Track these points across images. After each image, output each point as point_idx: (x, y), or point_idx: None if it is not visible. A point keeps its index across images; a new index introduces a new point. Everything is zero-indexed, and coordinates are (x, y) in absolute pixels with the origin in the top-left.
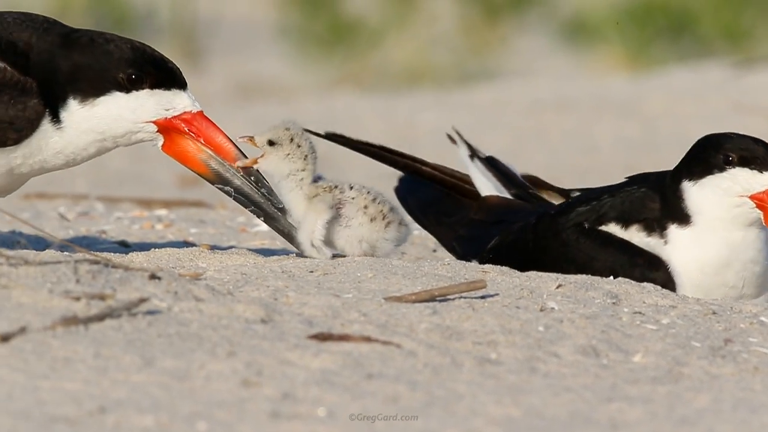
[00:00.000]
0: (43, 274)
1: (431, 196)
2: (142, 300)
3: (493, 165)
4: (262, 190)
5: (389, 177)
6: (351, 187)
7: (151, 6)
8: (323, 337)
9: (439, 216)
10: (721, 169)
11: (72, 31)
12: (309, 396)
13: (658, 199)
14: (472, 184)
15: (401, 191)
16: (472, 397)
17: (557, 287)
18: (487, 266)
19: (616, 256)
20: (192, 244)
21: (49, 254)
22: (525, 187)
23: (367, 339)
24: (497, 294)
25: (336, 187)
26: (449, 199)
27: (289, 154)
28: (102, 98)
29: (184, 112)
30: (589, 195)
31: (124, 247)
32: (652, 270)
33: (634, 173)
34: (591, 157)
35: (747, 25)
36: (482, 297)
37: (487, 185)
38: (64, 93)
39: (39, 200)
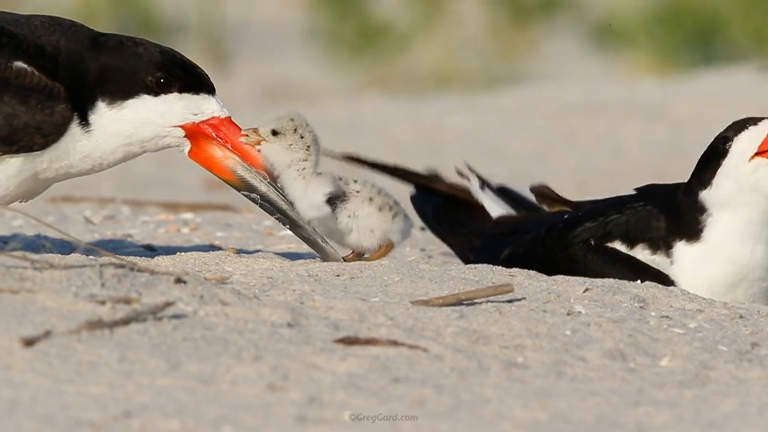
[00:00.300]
0: (68, 277)
1: (446, 207)
2: (168, 304)
3: (504, 193)
4: (288, 197)
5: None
6: (355, 181)
7: (178, 9)
8: (350, 341)
9: (454, 225)
10: (724, 154)
11: (100, 34)
12: (335, 400)
13: (663, 217)
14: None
15: (417, 199)
16: (499, 401)
17: (584, 291)
18: (514, 270)
19: (623, 272)
20: (218, 248)
21: (75, 258)
22: (536, 209)
23: (394, 343)
24: (524, 298)
25: (340, 179)
26: (463, 211)
27: (291, 144)
28: (130, 101)
29: (212, 117)
30: (597, 209)
31: (150, 250)
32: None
33: (662, 177)
34: (619, 161)
35: None
36: (509, 301)
37: (499, 212)
38: (93, 96)
39: (65, 203)
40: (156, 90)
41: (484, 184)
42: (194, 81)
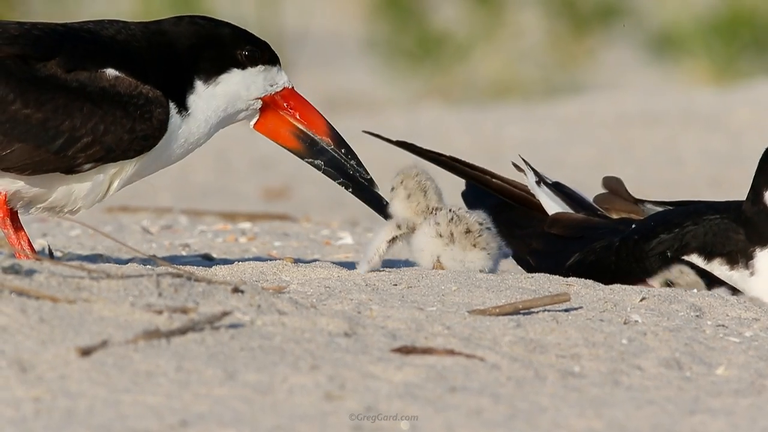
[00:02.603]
0: (125, 287)
1: (500, 207)
2: (225, 313)
3: (560, 190)
4: (352, 162)
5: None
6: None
7: (238, 19)
8: (406, 351)
9: (510, 227)
10: None
11: (175, 22)
12: (392, 409)
13: (741, 230)
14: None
15: (469, 197)
16: (555, 410)
17: (641, 300)
18: (571, 279)
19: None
20: (276, 258)
21: (132, 268)
22: (594, 209)
23: (451, 352)
24: (581, 307)
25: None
26: (519, 211)
27: (419, 203)
28: (223, 76)
29: (284, 88)
30: (669, 218)
31: (208, 260)
32: None
33: (720, 187)
34: (677, 171)
35: None
36: (566, 310)
37: (555, 209)
38: (189, 77)
39: (122, 213)
40: (244, 63)
41: (540, 179)
42: (271, 54)
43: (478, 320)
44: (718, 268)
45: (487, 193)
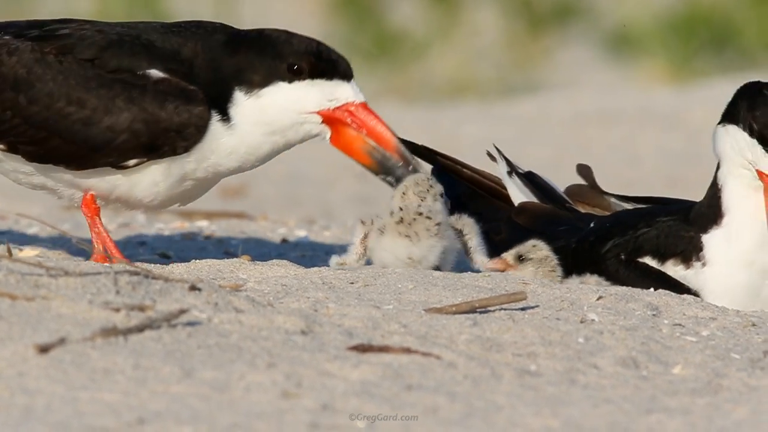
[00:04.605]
0: (83, 285)
1: (470, 196)
2: (182, 311)
3: (531, 180)
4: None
5: None
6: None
7: (194, 14)
8: (363, 349)
9: (479, 217)
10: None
11: (239, 31)
12: (348, 407)
13: (691, 227)
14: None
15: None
16: (512, 409)
17: (597, 299)
18: (528, 277)
19: (655, 287)
20: (233, 256)
21: (89, 265)
22: (562, 201)
23: (407, 350)
24: (537, 306)
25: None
26: (484, 202)
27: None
28: (267, 89)
29: (347, 103)
30: (624, 220)
31: (165, 258)
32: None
33: (677, 186)
34: (634, 169)
35: None
36: (522, 309)
37: (523, 200)
38: (230, 88)
39: (80, 211)
40: (289, 77)
41: (512, 169)
42: (326, 67)
43: (434, 319)
44: (672, 268)
45: (457, 182)
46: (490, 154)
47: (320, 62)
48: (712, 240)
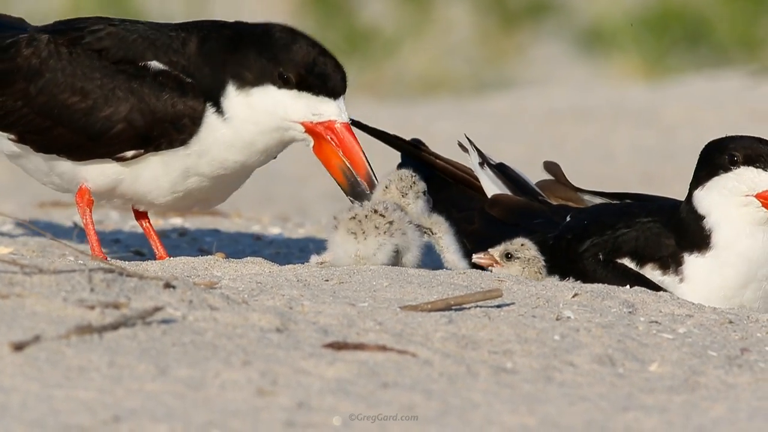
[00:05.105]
0: (57, 282)
1: (441, 186)
2: (157, 309)
3: (503, 172)
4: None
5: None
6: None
7: (165, 10)
8: (338, 346)
9: (449, 208)
10: (727, 170)
11: (249, 26)
12: (324, 405)
13: (672, 235)
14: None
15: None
16: (488, 406)
17: (573, 296)
18: (503, 275)
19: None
20: (207, 253)
21: (64, 263)
22: (535, 194)
23: (383, 348)
24: (513, 303)
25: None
26: (460, 192)
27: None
28: (257, 89)
29: (330, 121)
30: (602, 218)
31: (139, 255)
32: None
33: (651, 182)
34: (608, 166)
35: (763, 34)
36: (498, 306)
37: (496, 192)
38: (224, 82)
39: (54, 208)
40: (279, 83)
41: (484, 160)
42: (314, 82)
43: (410, 316)
44: (650, 272)
45: (430, 173)
46: (461, 145)
47: (309, 76)
48: (694, 262)
